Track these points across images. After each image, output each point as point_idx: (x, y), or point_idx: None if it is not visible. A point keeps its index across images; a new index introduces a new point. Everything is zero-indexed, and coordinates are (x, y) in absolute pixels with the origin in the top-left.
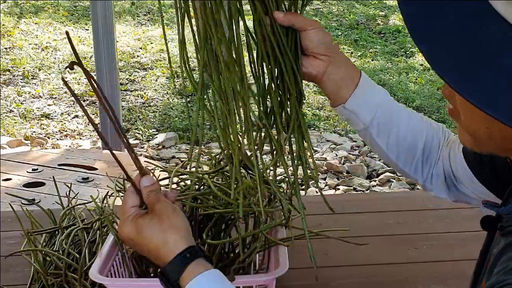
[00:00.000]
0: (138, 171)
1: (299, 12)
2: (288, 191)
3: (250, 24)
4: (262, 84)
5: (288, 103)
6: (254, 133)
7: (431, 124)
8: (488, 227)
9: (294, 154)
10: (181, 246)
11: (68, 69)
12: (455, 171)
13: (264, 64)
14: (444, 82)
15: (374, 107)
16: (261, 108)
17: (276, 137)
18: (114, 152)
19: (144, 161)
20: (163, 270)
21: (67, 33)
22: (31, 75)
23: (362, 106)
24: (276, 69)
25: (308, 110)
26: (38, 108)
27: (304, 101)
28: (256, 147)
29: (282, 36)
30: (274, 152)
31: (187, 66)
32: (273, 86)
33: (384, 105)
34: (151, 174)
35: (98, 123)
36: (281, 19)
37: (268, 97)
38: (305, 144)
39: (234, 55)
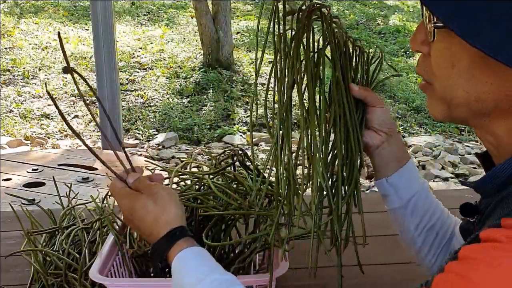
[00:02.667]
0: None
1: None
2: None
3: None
4: (326, 148)
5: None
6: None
7: (456, 222)
8: (468, 214)
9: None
10: (172, 225)
11: (64, 72)
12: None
13: (332, 128)
14: (419, 62)
15: (414, 188)
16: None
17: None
18: (112, 152)
19: (144, 161)
20: (153, 246)
21: (58, 34)
22: (31, 75)
23: (403, 184)
24: (342, 135)
25: None
26: (38, 108)
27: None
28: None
29: (352, 105)
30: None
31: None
32: (340, 150)
33: (423, 189)
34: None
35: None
36: (357, 92)
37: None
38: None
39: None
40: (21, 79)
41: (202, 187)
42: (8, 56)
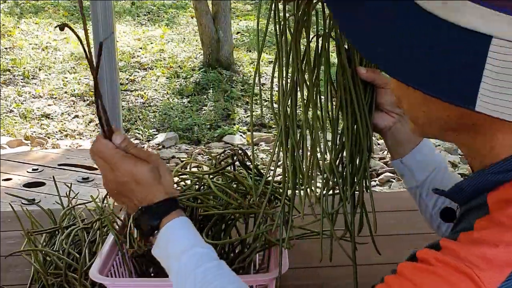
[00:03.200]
0: (102, 130)
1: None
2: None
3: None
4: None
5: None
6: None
7: None
8: (447, 219)
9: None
10: (171, 193)
11: (59, 28)
12: None
13: (340, 113)
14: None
15: (429, 167)
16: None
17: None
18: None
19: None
20: (151, 206)
21: (64, 26)
22: (31, 75)
23: (418, 164)
24: (350, 120)
25: None
26: (38, 108)
27: (372, 155)
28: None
29: (361, 89)
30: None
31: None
32: (347, 135)
33: (439, 168)
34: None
35: (98, 123)
36: (365, 75)
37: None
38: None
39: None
40: (21, 79)
41: (202, 187)
42: (8, 56)
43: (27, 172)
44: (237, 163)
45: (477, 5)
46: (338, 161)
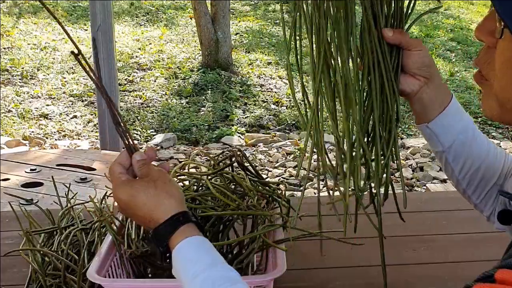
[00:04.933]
0: (126, 148)
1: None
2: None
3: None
4: (363, 95)
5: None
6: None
7: (508, 158)
8: (505, 221)
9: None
10: (175, 210)
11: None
12: None
13: (369, 77)
14: (481, 52)
15: (455, 133)
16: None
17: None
18: (112, 152)
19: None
20: (155, 231)
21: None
22: (30, 75)
23: (444, 129)
24: (377, 83)
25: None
26: (37, 108)
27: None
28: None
29: (387, 52)
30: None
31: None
32: (375, 99)
33: (466, 133)
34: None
35: (97, 124)
36: (390, 38)
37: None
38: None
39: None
40: (20, 79)
41: (200, 188)
42: (7, 56)
43: (25, 172)
44: (235, 164)
45: None
46: (365, 131)
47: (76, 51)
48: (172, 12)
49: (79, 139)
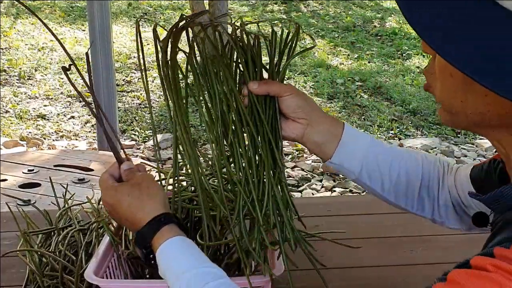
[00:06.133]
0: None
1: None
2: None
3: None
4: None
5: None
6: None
7: (426, 157)
8: (480, 224)
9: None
10: (157, 211)
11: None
12: (463, 198)
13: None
14: (429, 62)
15: (360, 157)
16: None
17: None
18: (110, 153)
19: (140, 162)
20: (138, 233)
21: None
22: (27, 76)
23: (347, 158)
24: (253, 138)
25: None
26: (34, 108)
27: (283, 168)
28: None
29: (259, 107)
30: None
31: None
32: (251, 159)
33: (371, 154)
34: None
35: (94, 124)
36: (256, 90)
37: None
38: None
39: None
40: (17, 79)
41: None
42: (4, 56)
43: (23, 173)
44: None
45: None
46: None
47: (67, 66)
48: (170, 12)
49: (76, 139)
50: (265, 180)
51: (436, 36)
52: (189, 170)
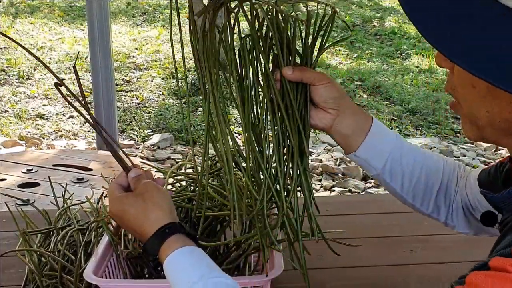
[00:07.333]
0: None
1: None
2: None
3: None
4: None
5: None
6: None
7: (447, 161)
8: (488, 223)
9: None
10: (162, 222)
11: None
12: (471, 200)
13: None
14: (447, 78)
15: (384, 154)
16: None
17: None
18: (109, 153)
19: (139, 162)
20: (144, 246)
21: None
22: (26, 75)
23: (372, 154)
24: (285, 120)
25: None
26: (33, 108)
27: (308, 158)
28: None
29: (290, 93)
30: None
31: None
32: (279, 146)
33: (395, 152)
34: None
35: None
36: (290, 76)
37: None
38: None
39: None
40: (16, 79)
41: (197, 188)
42: (3, 56)
43: (22, 172)
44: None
45: None
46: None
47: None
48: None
49: (75, 139)
50: (291, 168)
51: (455, 48)
52: (218, 145)
